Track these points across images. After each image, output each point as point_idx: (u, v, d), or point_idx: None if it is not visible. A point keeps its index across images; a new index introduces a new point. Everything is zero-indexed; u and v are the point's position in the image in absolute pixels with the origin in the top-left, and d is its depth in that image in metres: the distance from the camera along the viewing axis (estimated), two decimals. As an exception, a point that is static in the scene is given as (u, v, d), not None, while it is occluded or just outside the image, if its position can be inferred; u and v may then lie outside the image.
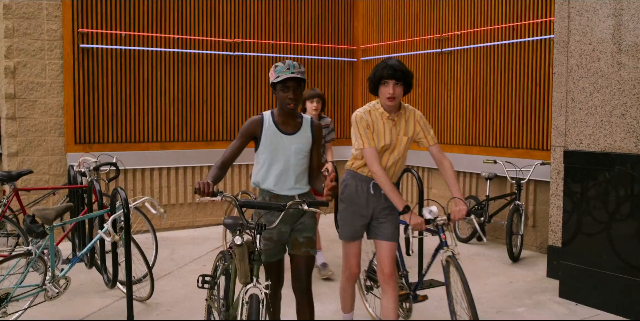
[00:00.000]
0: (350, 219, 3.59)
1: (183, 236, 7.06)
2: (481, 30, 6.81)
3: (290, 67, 3.16)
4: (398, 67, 3.35)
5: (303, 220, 3.30)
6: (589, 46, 4.70)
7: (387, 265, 3.50)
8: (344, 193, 3.63)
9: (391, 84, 3.35)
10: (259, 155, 3.29)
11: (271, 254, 3.28)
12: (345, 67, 8.59)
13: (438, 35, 7.32)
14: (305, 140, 3.28)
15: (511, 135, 6.54)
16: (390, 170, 3.55)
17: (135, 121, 7.11)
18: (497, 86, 6.68)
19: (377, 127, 3.45)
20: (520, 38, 6.39)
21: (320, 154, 3.38)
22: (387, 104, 3.40)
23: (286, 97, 3.15)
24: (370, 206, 3.54)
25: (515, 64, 6.46)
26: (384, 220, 3.54)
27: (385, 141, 3.45)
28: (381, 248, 3.53)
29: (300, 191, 3.28)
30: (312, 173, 3.36)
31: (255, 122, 3.25)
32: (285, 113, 3.25)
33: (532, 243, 6.40)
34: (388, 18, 8.14)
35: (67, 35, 6.64)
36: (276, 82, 3.17)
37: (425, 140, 3.58)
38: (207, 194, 2.83)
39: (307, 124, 3.31)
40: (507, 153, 6.52)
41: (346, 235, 3.64)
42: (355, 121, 3.47)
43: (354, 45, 8.63)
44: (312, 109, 5.34)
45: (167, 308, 4.54)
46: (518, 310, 4.55)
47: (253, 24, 7.78)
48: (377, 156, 3.42)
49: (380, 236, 3.54)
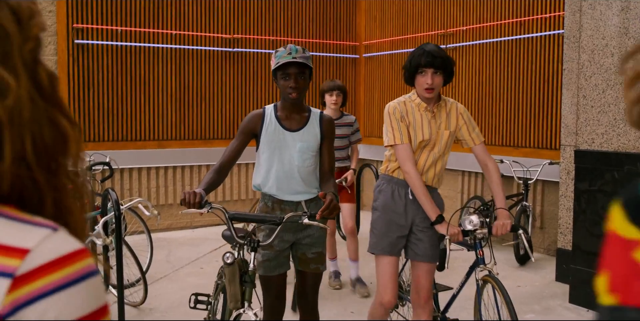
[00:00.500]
0: (385, 229, 3.05)
1: (180, 237, 6.91)
2: (487, 25, 6.64)
3: (292, 51, 2.78)
4: (437, 54, 2.91)
5: (311, 232, 2.93)
6: (602, 41, 4.52)
7: (424, 288, 3.08)
8: (377, 200, 3.12)
9: (429, 73, 2.91)
10: (259, 155, 2.94)
11: (271, 266, 2.89)
12: (347, 64, 8.42)
13: (443, 31, 7.16)
14: (313, 137, 2.89)
15: (518, 134, 6.38)
16: (430, 171, 3.06)
17: (132, 119, 6.95)
18: (504, 83, 6.52)
19: (414, 120, 3.00)
20: (528, 33, 6.22)
21: (332, 154, 2.99)
22: (424, 96, 2.97)
23: (287, 86, 2.79)
24: (410, 214, 3.04)
25: (523, 61, 6.29)
26: (423, 236, 3.04)
27: (423, 135, 2.99)
28: (420, 268, 3.08)
29: (308, 196, 2.91)
30: (322, 175, 2.95)
31: (255, 117, 2.91)
32: (289, 106, 2.89)
33: (540, 245, 6.24)
34: (391, 13, 7.97)
35: (61, 31, 6.47)
36: (276, 69, 2.81)
37: (469, 138, 3.07)
38: (193, 205, 2.48)
39: (316, 118, 2.92)
40: (514, 152, 6.37)
41: (378, 247, 3.06)
42: (388, 113, 3.01)
43: (356, 42, 8.47)
44: (332, 103, 4.81)
45: (161, 314, 4.39)
46: (527, 316, 4.38)
47: (253, 20, 7.61)
48: (411, 154, 2.97)
49: (421, 256, 3.05)
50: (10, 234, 0.68)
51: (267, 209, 2.94)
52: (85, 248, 0.71)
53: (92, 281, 0.69)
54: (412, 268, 3.15)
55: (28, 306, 0.65)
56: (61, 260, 0.67)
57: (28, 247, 0.67)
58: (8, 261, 0.66)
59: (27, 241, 0.67)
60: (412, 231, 3.07)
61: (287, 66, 2.77)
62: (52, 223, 0.70)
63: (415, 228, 3.06)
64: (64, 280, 0.67)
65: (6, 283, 0.65)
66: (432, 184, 3.10)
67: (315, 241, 2.95)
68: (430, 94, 2.95)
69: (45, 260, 0.67)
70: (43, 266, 0.66)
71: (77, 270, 0.68)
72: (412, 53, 3.00)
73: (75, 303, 0.67)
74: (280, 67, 2.78)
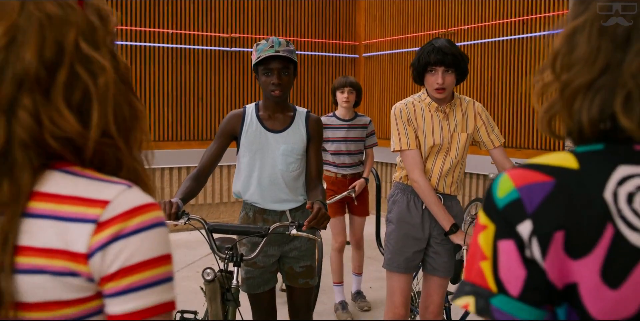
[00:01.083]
0: (400, 245, 2.83)
1: (177, 239, 6.78)
2: (489, 24, 6.53)
3: (275, 44, 2.54)
4: (449, 50, 2.66)
5: (298, 244, 2.70)
6: (608, 40, 4.41)
7: (434, 303, 2.89)
8: (391, 211, 2.90)
9: (440, 71, 2.69)
10: (239, 159, 2.68)
11: (255, 284, 2.67)
12: (347, 63, 8.31)
13: (444, 30, 7.05)
14: (298, 139, 2.64)
15: (521, 135, 6.27)
16: (448, 178, 2.82)
17: (128, 119, 6.84)
18: (507, 84, 6.42)
19: (424, 122, 2.78)
20: (532, 33, 6.10)
21: (320, 158, 2.72)
22: (435, 96, 2.76)
23: (269, 83, 2.53)
24: (427, 226, 2.82)
25: (526, 61, 6.19)
26: (442, 249, 2.84)
27: (434, 139, 2.77)
28: (433, 282, 2.90)
29: (293, 204, 2.67)
30: (309, 182, 2.69)
31: (234, 117, 2.65)
32: (272, 105, 2.64)
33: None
34: (391, 12, 7.86)
35: (55, 30, 6.37)
36: (257, 64, 2.55)
37: (488, 140, 2.83)
38: (169, 216, 2.26)
39: (301, 118, 2.68)
40: (517, 154, 6.26)
41: (393, 264, 2.85)
42: (394, 115, 2.80)
43: (355, 41, 8.36)
44: (343, 101, 4.36)
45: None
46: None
47: (251, 19, 7.50)
48: (419, 161, 2.75)
49: (439, 270, 2.86)
50: (93, 189, 0.84)
51: (247, 220, 2.69)
52: (155, 202, 0.86)
53: (160, 229, 0.85)
54: (425, 281, 2.95)
55: (108, 246, 0.81)
56: (135, 210, 0.83)
57: (108, 199, 0.83)
58: (92, 210, 0.83)
59: (107, 194, 0.84)
60: (430, 244, 2.86)
61: (270, 61, 2.53)
62: (127, 182, 0.87)
63: (433, 241, 2.85)
64: (137, 226, 0.82)
65: (91, 228, 0.82)
66: (452, 192, 2.87)
67: (303, 253, 2.71)
68: (441, 94, 2.74)
69: (123, 209, 0.83)
70: (121, 214, 0.82)
71: (148, 219, 0.84)
72: (422, 49, 2.76)
73: (145, 246, 0.82)
74: (262, 62, 2.54)
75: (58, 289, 0.81)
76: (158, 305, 0.84)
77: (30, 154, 0.83)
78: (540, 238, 0.75)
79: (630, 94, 0.76)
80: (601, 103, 0.78)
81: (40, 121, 0.82)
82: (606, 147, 0.80)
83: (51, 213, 0.82)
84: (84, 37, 0.86)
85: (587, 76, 0.79)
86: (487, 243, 0.79)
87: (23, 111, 0.82)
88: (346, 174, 4.44)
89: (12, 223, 0.80)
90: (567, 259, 0.75)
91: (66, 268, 0.81)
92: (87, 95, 0.85)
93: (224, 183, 7.40)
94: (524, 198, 0.77)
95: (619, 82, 0.76)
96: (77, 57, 0.85)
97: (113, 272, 0.81)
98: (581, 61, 0.80)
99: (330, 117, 4.46)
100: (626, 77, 0.76)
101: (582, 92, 0.80)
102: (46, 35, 0.83)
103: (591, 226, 0.75)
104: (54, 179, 0.85)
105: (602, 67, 0.78)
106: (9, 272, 0.80)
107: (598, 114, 0.78)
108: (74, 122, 0.83)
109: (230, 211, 7.41)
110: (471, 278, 0.80)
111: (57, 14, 0.85)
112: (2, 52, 0.82)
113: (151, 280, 0.83)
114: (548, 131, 0.86)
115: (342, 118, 4.44)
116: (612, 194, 0.75)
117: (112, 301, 0.82)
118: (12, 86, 0.82)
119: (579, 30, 0.82)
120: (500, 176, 0.81)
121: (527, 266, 0.76)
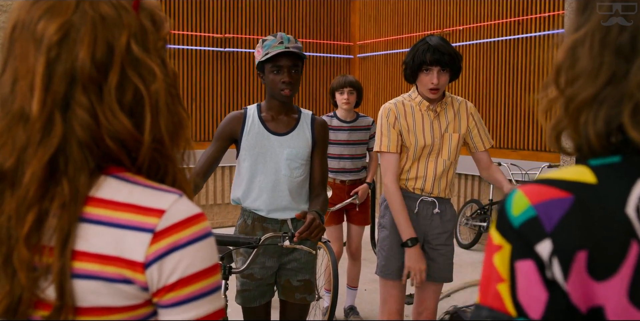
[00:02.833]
0: (394, 251, 2.73)
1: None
2: (485, 25, 6.51)
3: (284, 40, 2.38)
4: (445, 50, 2.56)
5: (298, 256, 2.54)
6: (604, 41, 4.39)
7: (428, 309, 2.83)
8: (384, 216, 2.79)
9: (435, 71, 2.59)
10: (240, 163, 2.52)
11: (251, 297, 2.51)
12: (341, 64, 8.28)
13: (439, 31, 7.02)
14: (303, 142, 2.49)
15: (517, 136, 6.25)
16: (442, 181, 2.73)
17: (120, 120, 6.80)
18: (502, 84, 6.39)
19: (414, 122, 2.69)
20: (527, 33, 6.08)
21: (325, 164, 2.55)
22: (428, 96, 2.67)
23: (279, 81, 2.39)
24: (420, 231, 2.73)
25: (521, 61, 6.17)
26: (436, 254, 2.76)
27: (425, 139, 2.68)
28: (427, 289, 2.82)
29: (296, 212, 2.42)
30: (312, 189, 2.53)
31: (234, 119, 2.49)
32: (277, 106, 2.50)
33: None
34: (386, 13, 7.84)
35: (47, 30, 6.31)
36: (264, 62, 2.40)
37: (479, 141, 2.75)
38: None
39: (307, 121, 2.53)
40: (512, 155, 6.24)
41: (386, 271, 2.75)
42: (380, 115, 2.72)
43: (350, 42, 8.33)
44: (343, 102, 4.11)
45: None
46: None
47: (245, 19, 7.46)
48: (396, 165, 2.68)
49: (433, 276, 2.76)
50: (148, 198, 0.85)
51: (246, 228, 2.53)
52: (203, 212, 0.87)
53: (210, 240, 0.86)
54: (418, 287, 2.87)
55: (166, 256, 0.82)
56: (189, 220, 0.85)
57: (164, 208, 0.84)
58: (149, 219, 0.83)
59: (162, 203, 0.84)
60: (424, 249, 2.76)
61: (279, 58, 2.37)
62: (177, 190, 0.88)
63: (427, 246, 2.76)
64: (192, 236, 0.84)
65: (148, 237, 0.82)
66: (446, 195, 2.78)
67: (302, 266, 2.54)
68: (435, 95, 2.66)
69: (178, 219, 0.84)
70: (177, 223, 0.84)
71: (201, 229, 0.85)
72: (416, 47, 2.64)
73: (200, 256, 0.84)
74: (270, 59, 2.38)
75: (110, 295, 0.82)
76: (214, 312, 0.86)
77: (86, 153, 0.83)
78: (561, 258, 0.71)
79: (638, 105, 0.73)
80: (606, 116, 0.75)
81: (98, 120, 0.83)
82: (623, 159, 0.76)
83: (107, 219, 0.83)
84: (135, 40, 0.87)
85: (591, 89, 0.76)
86: (503, 264, 0.74)
87: (80, 109, 0.83)
88: (345, 180, 4.19)
89: (71, 225, 0.81)
90: (591, 281, 0.71)
91: (120, 275, 0.82)
92: (138, 98, 0.86)
93: (218, 185, 7.34)
94: (541, 216, 0.73)
95: (626, 93, 0.74)
96: (128, 60, 0.85)
97: (173, 282, 0.83)
98: (584, 74, 0.77)
99: (331, 117, 4.19)
100: (633, 88, 0.73)
101: (587, 106, 0.77)
102: (98, 35, 0.84)
103: (615, 244, 0.70)
104: (109, 185, 0.85)
105: (605, 79, 0.75)
106: (68, 275, 0.81)
107: (604, 127, 0.75)
108: (128, 124, 0.84)
109: (224, 212, 7.36)
110: (488, 302, 0.75)
111: (111, 15, 0.86)
112: (55, 48, 0.83)
113: (207, 288, 0.85)
114: (557, 147, 0.83)
115: (344, 120, 4.18)
116: (635, 209, 0.71)
117: (171, 311, 0.84)
118: (65, 83, 0.83)
119: (580, 43, 0.79)
120: (514, 193, 0.76)
121: (548, 288, 0.71)
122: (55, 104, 0.83)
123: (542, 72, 5.98)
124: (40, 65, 0.83)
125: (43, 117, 0.82)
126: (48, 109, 0.83)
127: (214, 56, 7.31)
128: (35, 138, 0.82)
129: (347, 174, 4.20)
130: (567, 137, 0.81)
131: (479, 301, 0.76)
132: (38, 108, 0.82)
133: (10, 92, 0.85)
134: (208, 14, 7.24)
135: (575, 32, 0.81)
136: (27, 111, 0.83)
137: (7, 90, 0.85)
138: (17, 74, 0.85)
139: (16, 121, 0.84)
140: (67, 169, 0.83)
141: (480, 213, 6.17)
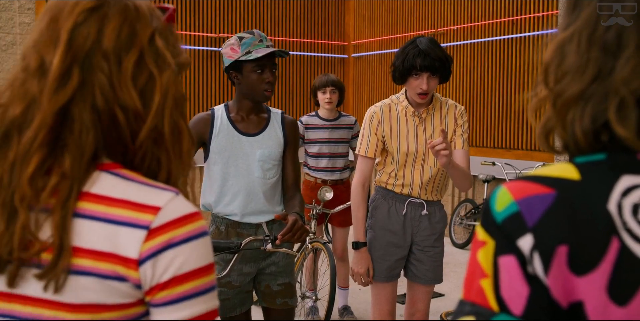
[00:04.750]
0: (382, 252, 2.70)
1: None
2: (478, 24, 6.51)
3: (263, 38, 2.31)
4: (435, 55, 2.48)
5: (276, 259, 2.45)
6: (598, 41, 4.40)
7: (420, 311, 2.80)
8: (372, 217, 2.76)
9: (425, 77, 2.52)
10: (209, 166, 2.39)
11: (231, 305, 2.40)
12: (335, 64, 8.27)
13: (433, 31, 7.02)
14: (275, 143, 2.41)
15: (511, 135, 6.26)
16: (429, 187, 2.69)
17: (114, 120, 6.77)
18: (496, 84, 6.40)
19: (398, 127, 2.64)
20: (521, 33, 6.09)
21: (297, 164, 2.48)
22: (416, 100, 2.61)
23: (262, 82, 2.31)
24: (408, 233, 2.70)
25: (515, 61, 6.18)
26: (424, 256, 2.74)
27: (408, 146, 2.63)
28: (417, 291, 2.80)
29: (271, 216, 2.40)
30: (286, 190, 2.45)
31: (201, 121, 2.37)
32: (248, 107, 2.39)
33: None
34: (380, 12, 7.83)
35: (40, 29, 6.28)
36: (244, 61, 2.30)
37: (452, 139, 2.68)
38: None
39: (277, 120, 2.44)
40: (506, 154, 6.25)
41: (375, 273, 2.72)
42: (365, 118, 2.69)
43: (344, 41, 8.32)
44: (325, 101, 4.06)
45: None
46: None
47: (238, 18, 7.44)
48: (369, 170, 2.68)
49: (421, 278, 2.75)
50: (143, 194, 0.84)
51: (219, 236, 2.41)
52: (199, 211, 0.87)
53: (206, 239, 0.85)
54: (409, 288, 2.85)
55: (161, 253, 0.81)
56: (184, 218, 0.84)
57: (160, 205, 0.84)
58: (144, 216, 0.82)
59: (157, 200, 0.84)
60: (412, 251, 2.75)
61: (262, 57, 2.29)
62: (173, 188, 0.88)
63: (415, 247, 2.74)
64: (188, 234, 0.83)
65: (143, 234, 0.82)
66: (434, 198, 2.74)
67: (281, 269, 2.45)
68: (423, 99, 2.60)
69: (174, 216, 0.83)
70: (172, 221, 0.83)
71: (197, 228, 0.85)
72: (405, 50, 2.58)
73: (195, 255, 0.83)
74: (254, 59, 2.29)
75: (102, 292, 0.81)
76: (207, 312, 0.85)
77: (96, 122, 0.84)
78: (542, 253, 0.72)
79: (624, 101, 0.74)
80: (593, 112, 0.75)
81: (114, 88, 0.85)
82: (608, 157, 0.76)
83: (101, 215, 0.82)
84: (159, 33, 0.91)
85: (578, 85, 0.77)
86: (487, 260, 0.75)
87: (101, 73, 0.85)
88: (327, 180, 4.11)
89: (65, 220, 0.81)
90: (572, 276, 0.71)
91: (113, 272, 0.81)
92: (150, 83, 0.88)
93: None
94: (523, 211, 0.73)
95: (611, 89, 0.74)
96: (148, 47, 0.89)
97: (166, 281, 0.82)
98: (571, 71, 0.78)
99: (312, 116, 4.18)
100: (618, 84, 0.74)
101: (574, 103, 0.77)
102: (127, 19, 0.88)
103: (595, 240, 0.71)
104: (105, 180, 0.85)
105: (592, 76, 0.76)
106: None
107: (590, 124, 0.75)
108: (136, 98, 0.86)
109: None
110: (471, 297, 0.75)
111: (144, 11, 0.90)
112: (85, 13, 0.86)
113: (201, 287, 0.84)
114: (547, 146, 0.83)
115: (325, 118, 4.17)
116: (617, 205, 0.72)
117: (163, 310, 0.83)
118: (88, 44, 0.85)
119: (568, 41, 0.80)
120: (498, 190, 0.77)
121: (529, 283, 0.72)
122: (76, 60, 0.85)
123: (536, 72, 5.98)
124: (69, 24, 0.85)
125: (62, 68, 0.84)
126: (68, 62, 0.84)
127: (208, 55, 7.29)
128: (50, 87, 0.83)
129: (327, 174, 4.12)
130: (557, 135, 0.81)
131: (463, 297, 0.76)
132: (59, 59, 0.84)
133: (32, 47, 0.87)
134: (202, 13, 7.22)
135: (564, 30, 0.81)
136: (47, 63, 0.85)
137: (30, 45, 0.88)
138: (44, 31, 0.87)
139: (32, 75, 0.85)
140: (73, 129, 0.83)
141: (475, 212, 6.18)
